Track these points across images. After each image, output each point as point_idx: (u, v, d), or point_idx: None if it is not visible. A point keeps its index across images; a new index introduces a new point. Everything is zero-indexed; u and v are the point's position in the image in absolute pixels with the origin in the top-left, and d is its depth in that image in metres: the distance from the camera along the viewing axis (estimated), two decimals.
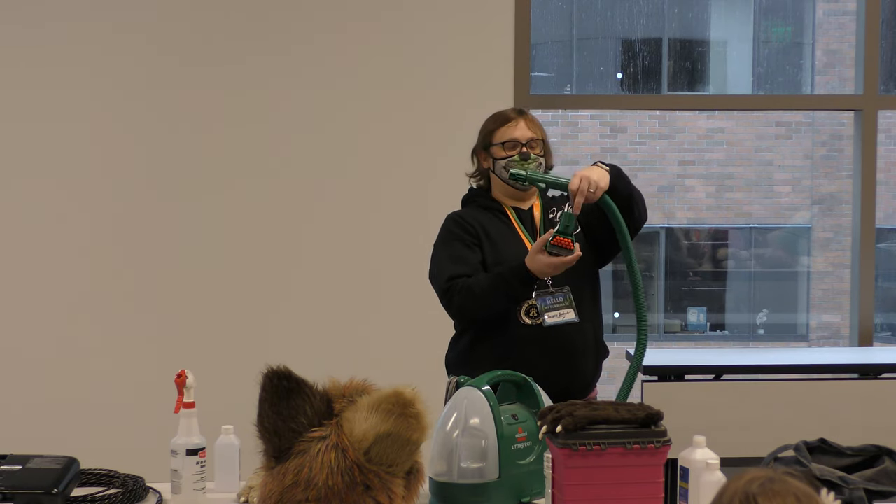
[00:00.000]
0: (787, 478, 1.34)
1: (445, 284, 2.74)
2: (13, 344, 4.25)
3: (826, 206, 11.38)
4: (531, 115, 2.93)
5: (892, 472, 2.23)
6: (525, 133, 2.84)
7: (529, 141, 2.83)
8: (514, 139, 2.83)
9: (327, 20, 4.27)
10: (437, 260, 2.84)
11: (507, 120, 2.87)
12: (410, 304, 4.24)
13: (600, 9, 11.44)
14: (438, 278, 2.79)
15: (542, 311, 2.74)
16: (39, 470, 2.18)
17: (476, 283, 2.71)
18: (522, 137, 2.83)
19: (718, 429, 3.70)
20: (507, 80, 4.26)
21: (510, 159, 2.82)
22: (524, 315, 2.75)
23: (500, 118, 2.89)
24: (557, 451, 2.06)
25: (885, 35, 10.30)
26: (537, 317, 2.75)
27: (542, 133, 2.89)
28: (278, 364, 2.01)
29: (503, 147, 2.84)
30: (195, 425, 2.26)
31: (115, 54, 4.25)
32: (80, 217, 4.27)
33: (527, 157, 2.81)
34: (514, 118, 2.87)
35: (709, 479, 2.03)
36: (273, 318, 4.27)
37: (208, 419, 2.36)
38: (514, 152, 2.82)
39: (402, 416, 1.98)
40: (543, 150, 2.88)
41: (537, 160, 2.83)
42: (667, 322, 11.38)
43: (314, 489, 1.94)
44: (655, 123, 11.20)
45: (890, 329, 11.69)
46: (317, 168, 4.29)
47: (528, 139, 2.83)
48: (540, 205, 2.91)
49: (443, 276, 2.76)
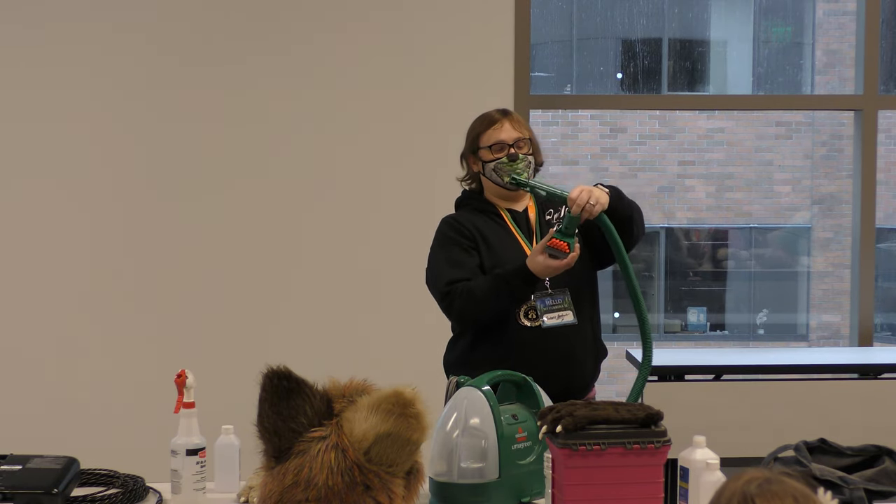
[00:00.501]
0: (784, 478, 1.34)
1: (445, 289, 2.74)
2: (13, 344, 4.25)
3: (826, 206, 11.38)
4: (516, 114, 2.91)
5: (892, 472, 2.23)
6: (511, 134, 2.83)
7: (516, 141, 2.82)
8: (500, 141, 2.82)
9: (327, 20, 4.27)
10: (435, 264, 2.83)
11: (493, 122, 2.85)
12: (410, 304, 4.23)
13: (600, 9, 11.43)
14: (437, 283, 2.78)
15: (541, 312, 2.74)
16: (39, 470, 2.18)
17: (476, 287, 2.71)
18: (509, 139, 2.82)
19: (718, 429, 3.70)
20: (507, 80, 4.26)
21: (499, 161, 2.81)
22: (523, 317, 2.75)
23: (485, 121, 2.87)
24: (557, 451, 2.06)
25: (885, 35, 10.30)
26: (536, 318, 2.75)
27: (527, 132, 2.88)
28: (278, 364, 2.01)
29: (490, 150, 2.83)
30: (195, 425, 2.26)
31: (115, 54, 4.25)
32: (79, 217, 4.27)
33: (515, 158, 2.80)
34: (498, 119, 2.85)
35: (709, 479, 2.03)
36: (273, 317, 4.27)
37: (208, 419, 2.36)
38: (501, 154, 2.81)
39: (402, 416, 1.98)
40: (531, 148, 2.87)
41: (526, 160, 2.82)
42: (667, 322, 11.39)
43: (314, 489, 1.94)
44: (655, 123, 11.20)
45: (890, 329, 11.69)
46: (317, 168, 4.29)
47: (514, 139, 2.82)
48: (534, 206, 2.90)
49: (441, 281, 2.76)
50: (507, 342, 2.74)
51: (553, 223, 2.86)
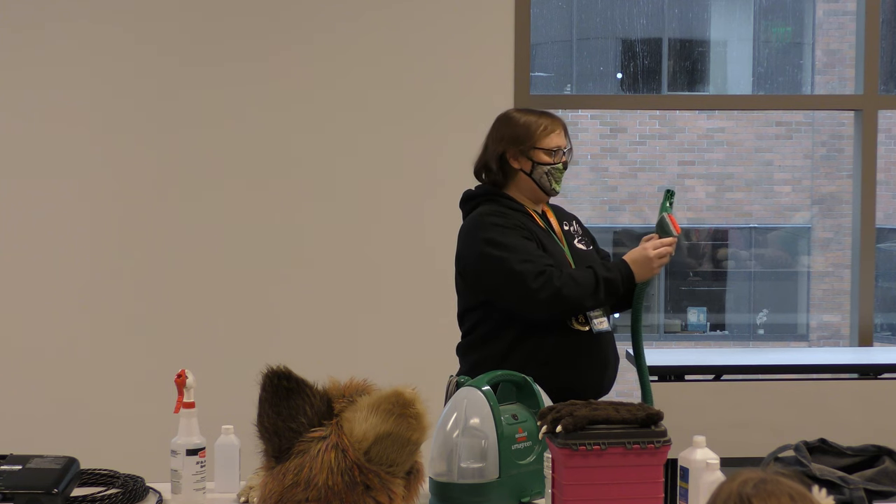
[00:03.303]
0: (780, 478, 1.34)
1: (542, 267, 2.64)
2: (13, 344, 4.25)
3: (826, 206, 11.38)
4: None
5: (892, 472, 2.23)
6: (564, 142, 2.82)
7: (569, 149, 2.84)
8: (560, 147, 2.80)
9: (327, 20, 4.27)
10: (512, 244, 2.68)
11: (552, 125, 2.80)
12: (411, 304, 4.24)
13: (600, 9, 11.44)
14: (528, 260, 2.64)
15: (591, 317, 2.73)
16: (39, 470, 2.18)
17: (578, 274, 2.67)
18: (565, 146, 2.82)
19: (718, 429, 3.71)
20: (507, 80, 4.26)
21: (554, 167, 2.79)
22: (575, 321, 2.73)
23: (545, 122, 2.80)
24: (557, 451, 2.06)
25: (885, 35, 10.30)
26: (585, 322, 2.74)
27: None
28: (278, 364, 2.01)
29: (550, 153, 2.79)
30: (195, 425, 2.26)
31: (114, 54, 4.25)
32: (80, 217, 4.27)
33: (566, 167, 2.83)
34: (556, 123, 2.81)
35: (709, 479, 2.03)
36: (273, 317, 4.27)
37: (208, 419, 2.36)
38: (557, 160, 2.79)
39: (402, 416, 1.98)
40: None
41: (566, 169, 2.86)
42: (667, 322, 11.39)
43: (314, 489, 1.94)
44: (655, 123, 11.21)
45: (890, 329, 11.69)
46: (317, 168, 4.29)
47: (567, 148, 2.83)
48: (552, 213, 2.89)
49: (538, 258, 2.66)
50: (557, 344, 2.71)
51: (572, 234, 2.87)
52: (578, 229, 2.93)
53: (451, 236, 2.99)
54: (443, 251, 2.96)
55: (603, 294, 2.68)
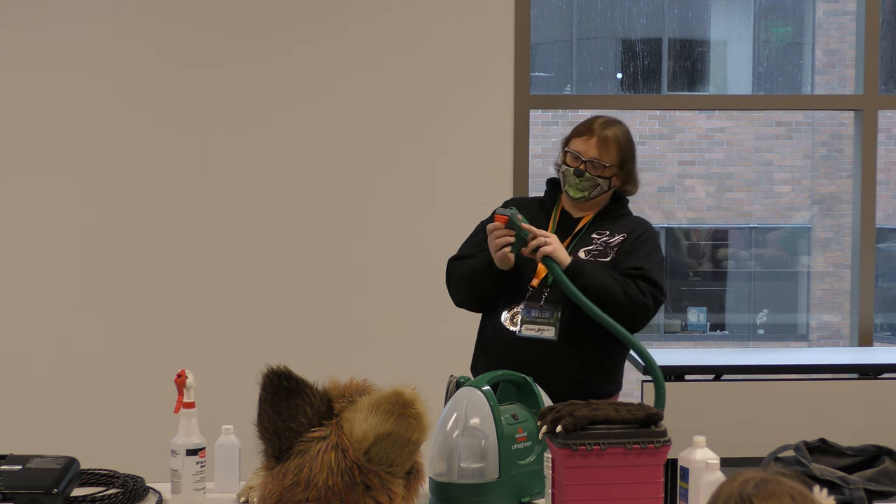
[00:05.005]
0: (780, 478, 1.35)
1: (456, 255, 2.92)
2: (13, 344, 4.25)
3: (826, 206, 11.38)
4: (613, 137, 2.82)
5: (892, 472, 2.23)
6: (591, 151, 2.80)
7: (592, 160, 2.79)
8: (577, 153, 2.82)
9: (327, 20, 4.27)
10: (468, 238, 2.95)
11: (585, 132, 2.84)
12: (411, 304, 4.24)
13: (600, 9, 11.44)
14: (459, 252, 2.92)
15: (522, 320, 2.76)
16: (39, 470, 2.18)
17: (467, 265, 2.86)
18: (586, 154, 2.80)
19: (718, 429, 3.70)
20: (507, 80, 4.26)
21: (567, 169, 2.83)
22: (509, 319, 2.79)
23: (582, 127, 2.86)
24: (557, 451, 2.06)
25: (885, 35, 10.30)
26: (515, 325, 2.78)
27: (613, 158, 2.80)
28: (278, 364, 2.01)
29: (569, 156, 2.83)
30: (195, 425, 2.26)
31: (114, 54, 4.25)
32: (79, 217, 4.27)
33: (581, 174, 2.80)
34: (591, 132, 2.82)
35: (709, 479, 2.03)
36: (273, 317, 4.27)
37: (208, 419, 2.36)
38: (573, 164, 2.82)
39: (402, 416, 1.98)
40: (613, 174, 2.82)
41: (593, 181, 2.80)
42: (667, 322, 11.39)
43: (314, 489, 1.94)
44: (655, 123, 11.21)
45: (890, 329, 11.69)
46: (317, 168, 4.29)
47: (590, 158, 2.80)
48: (589, 221, 2.86)
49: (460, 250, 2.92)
50: (492, 338, 2.81)
51: (592, 240, 2.82)
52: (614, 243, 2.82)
53: (452, 236, 3.00)
54: (443, 251, 2.96)
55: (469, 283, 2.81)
